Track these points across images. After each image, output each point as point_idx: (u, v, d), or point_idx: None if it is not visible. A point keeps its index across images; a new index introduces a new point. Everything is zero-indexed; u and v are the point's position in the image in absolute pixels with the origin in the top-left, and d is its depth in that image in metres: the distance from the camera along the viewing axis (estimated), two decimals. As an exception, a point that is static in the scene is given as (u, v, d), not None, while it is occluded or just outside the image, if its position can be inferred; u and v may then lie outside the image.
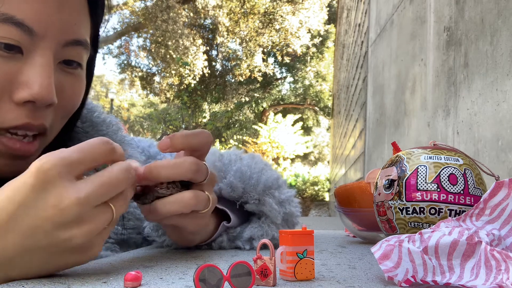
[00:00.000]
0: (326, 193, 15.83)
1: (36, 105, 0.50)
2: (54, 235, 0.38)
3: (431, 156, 0.56)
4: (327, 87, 18.05)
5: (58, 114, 0.55)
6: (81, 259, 0.42)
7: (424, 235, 0.41)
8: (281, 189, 0.70)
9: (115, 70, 18.04)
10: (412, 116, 2.43)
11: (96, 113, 0.69)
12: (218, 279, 0.36)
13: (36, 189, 0.38)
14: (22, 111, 0.50)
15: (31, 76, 0.49)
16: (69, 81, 0.54)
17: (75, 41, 0.53)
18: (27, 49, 0.49)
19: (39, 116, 0.51)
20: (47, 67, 0.49)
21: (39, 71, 0.49)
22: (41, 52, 0.49)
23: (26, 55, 0.49)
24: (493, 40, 1.38)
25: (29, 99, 0.49)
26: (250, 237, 0.64)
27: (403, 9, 2.73)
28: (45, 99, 0.49)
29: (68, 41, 0.52)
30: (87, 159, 0.41)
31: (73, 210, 0.38)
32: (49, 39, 0.50)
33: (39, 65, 0.49)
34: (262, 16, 16.46)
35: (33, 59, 0.49)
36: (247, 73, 17.47)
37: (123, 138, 0.71)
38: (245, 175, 0.66)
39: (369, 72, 4.25)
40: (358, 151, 5.10)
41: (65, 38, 0.51)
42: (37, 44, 0.49)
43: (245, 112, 18.71)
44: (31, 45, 0.49)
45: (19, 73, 0.49)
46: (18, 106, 0.50)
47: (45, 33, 0.49)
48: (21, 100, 0.49)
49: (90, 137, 0.66)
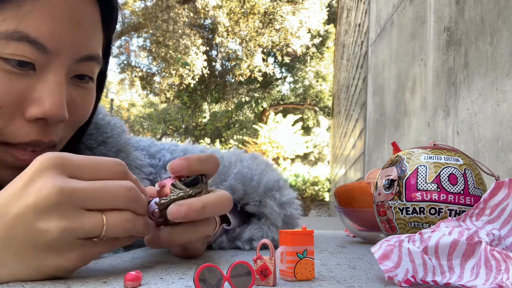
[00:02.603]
0: (326, 193, 15.83)
1: (47, 122, 0.50)
2: (32, 225, 0.38)
3: (431, 156, 0.56)
4: (327, 87, 18.05)
5: (68, 128, 0.55)
6: (58, 262, 0.40)
7: (424, 235, 0.41)
8: (282, 191, 0.70)
9: (115, 70, 18.02)
10: (412, 116, 2.43)
11: (101, 115, 0.69)
12: (218, 279, 0.36)
13: (26, 179, 0.39)
14: (33, 128, 0.50)
15: (43, 94, 0.49)
16: (80, 95, 0.54)
17: (88, 57, 0.53)
18: (40, 66, 0.49)
19: (50, 132, 0.51)
20: (59, 85, 0.49)
21: (51, 88, 0.49)
22: (54, 69, 0.49)
23: (39, 72, 0.49)
24: (493, 40, 1.38)
25: (40, 116, 0.49)
26: (250, 237, 0.64)
27: (403, 9, 2.73)
28: (56, 116, 0.49)
29: (82, 57, 0.52)
30: (88, 167, 0.41)
31: (53, 198, 0.37)
32: (63, 57, 0.50)
33: (51, 83, 0.49)
34: (262, 16, 16.46)
35: (45, 76, 0.49)
36: (247, 73, 17.47)
37: (127, 141, 0.71)
38: (246, 177, 0.66)
39: (369, 72, 4.25)
40: (358, 151, 5.10)
41: (78, 54, 0.51)
42: (51, 61, 0.49)
43: (245, 112, 18.71)
44: (44, 62, 0.49)
45: (31, 90, 0.49)
46: (29, 123, 0.50)
47: (59, 51, 0.49)
48: (32, 117, 0.49)
49: (94, 139, 0.66)
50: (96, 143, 0.65)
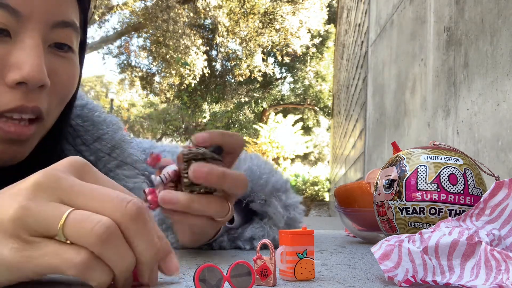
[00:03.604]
0: (326, 193, 15.83)
1: (28, 87, 0.50)
2: None
3: (431, 156, 0.56)
4: (327, 87, 18.05)
5: (54, 99, 0.55)
6: None
7: (424, 235, 0.41)
8: (288, 193, 0.70)
9: (115, 70, 18.02)
10: (412, 116, 2.43)
11: (97, 112, 0.69)
12: (218, 279, 0.36)
13: None
14: (15, 94, 0.50)
15: (21, 58, 0.49)
16: (61, 65, 0.54)
17: (63, 22, 0.53)
18: (15, 32, 0.49)
19: (33, 98, 0.51)
20: (36, 48, 0.50)
21: (28, 52, 0.49)
22: (29, 33, 0.50)
23: (14, 38, 0.50)
24: (493, 40, 1.38)
25: (20, 80, 0.49)
26: (251, 236, 0.64)
27: (403, 9, 2.73)
28: (36, 79, 0.49)
29: (56, 23, 0.52)
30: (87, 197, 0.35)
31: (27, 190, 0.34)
32: (36, 21, 0.50)
33: (27, 47, 0.49)
34: (262, 16, 16.46)
35: (21, 41, 0.50)
36: (247, 73, 17.46)
37: (123, 137, 0.71)
38: (255, 175, 0.66)
39: (369, 72, 4.25)
40: (358, 151, 5.10)
41: (52, 19, 0.52)
42: (25, 26, 0.50)
43: (245, 112, 18.71)
44: (18, 27, 0.49)
45: (8, 55, 0.49)
46: (11, 89, 0.50)
47: (31, 14, 0.50)
48: (13, 82, 0.49)
49: (91, 135, 0.66)
50: (92, 139, 0.66)
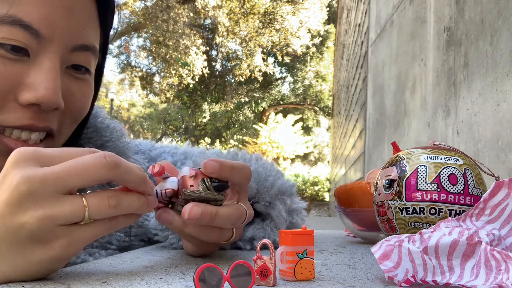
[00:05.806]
0: (326, 193, 15.82)
1: (41, 108, 0.50)
2: (9, 220, 0.36)
3: (431, 156, 0.56)
4: (327, 87, 18.05)
5: (67, 119, 0.55)
6: (45, 254, 0.38)
7: (424, 235, 0.41)
8: (293, 197, 0.70)
9: (115, 70, 18.03)
10: (412, 116, 2.43)
11: (100, 118, 0.69)
12: (218, 279, 0.36)
13: (1, 177, 0.38)
14: (25, 113, 0.50)
15: (37, 79, 0.49)
16: (77, 86, 0.54)
17: (83, 46, 0.53)
18: (34, 52, 0.49)
19: (44, 118, 0.51)
20: (53, 71, 0.49)
21: (45, 74, 0.49)
22: (48, 55, 0.50)
23: (33, 58, 0.49)
24: (493, 40, 1.38)
25: (34, 102, 0.49)
26: (252, 237, 0.64)
27: (403, 9, 2.73)
28: (50, 102, 0.49)
29: (76, 46, 0.52)
30: (61, 158, 0.39)
31: (23, 188, 0.36)
32: (57, 43, 0.50)
33: (45, 68, 0.49)
34: (262, 16, 16.45)
35: (40, 62, 0.49)
36: (247, 73, 17.46)
37: (126, 145, 0.71)
38: (261, 176, 0.66)
39: (369, 72, 4.25)
40: (358, 151, 5.10)
41: (73, 42, 0.51)
42: (45, 47, 0.49)
43: (245, 112, 18.70)
44: (38, 48, 0.49)
45: (25, 75, 0.49)
46: (22, 107, 0.50)
47: (52, 37, 0.49)
48: (26, 102, 0.49)
49: (93, 143, 0.66)
50: (95, 147, 0.65)
